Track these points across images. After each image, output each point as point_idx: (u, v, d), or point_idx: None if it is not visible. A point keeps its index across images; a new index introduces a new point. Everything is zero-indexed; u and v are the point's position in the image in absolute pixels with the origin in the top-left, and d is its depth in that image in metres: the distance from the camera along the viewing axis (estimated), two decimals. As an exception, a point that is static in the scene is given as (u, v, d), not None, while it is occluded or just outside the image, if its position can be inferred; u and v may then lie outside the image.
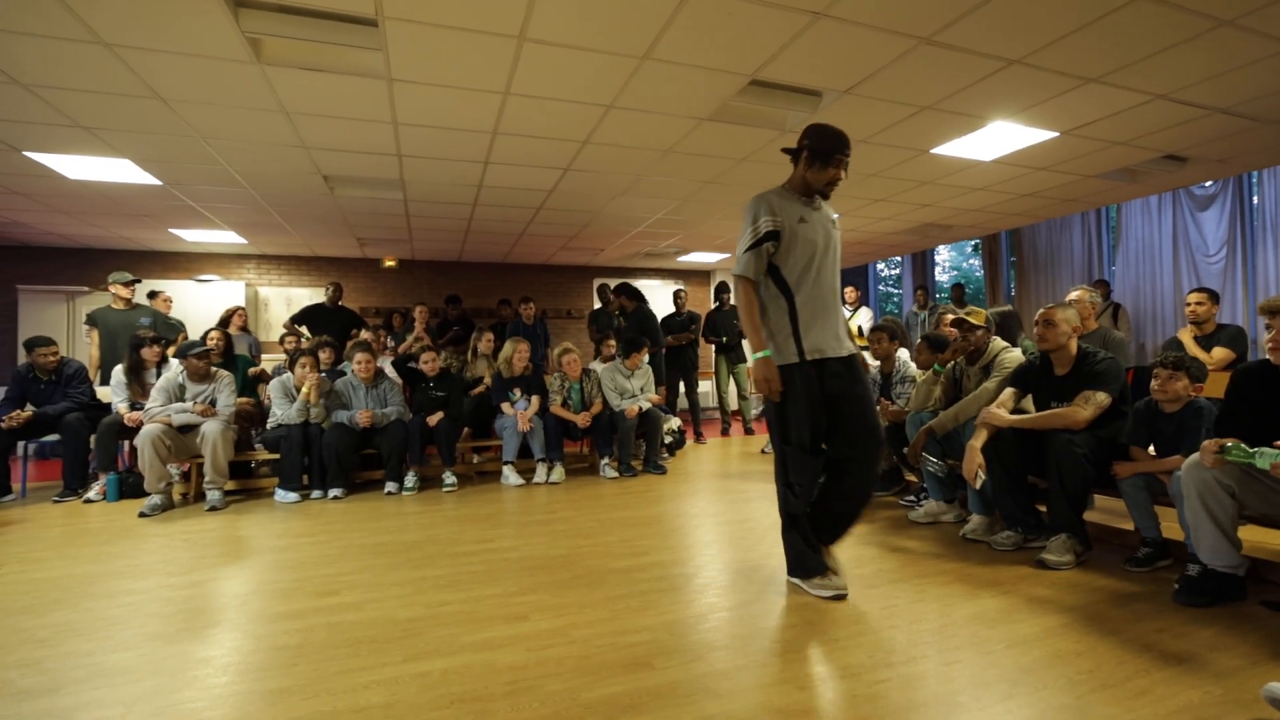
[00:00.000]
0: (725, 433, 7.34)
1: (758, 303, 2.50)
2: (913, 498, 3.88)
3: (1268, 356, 2.31)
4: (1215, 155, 4.76)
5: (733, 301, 6.95)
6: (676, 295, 7.11)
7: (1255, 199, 6.23)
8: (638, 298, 6.64)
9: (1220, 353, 3.79)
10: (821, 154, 2.49)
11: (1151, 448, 2.80)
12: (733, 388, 7.39)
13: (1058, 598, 2.40)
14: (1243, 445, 2.11)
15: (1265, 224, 6.10)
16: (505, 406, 4.95)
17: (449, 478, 4.63)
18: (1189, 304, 4.06)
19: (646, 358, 5.42)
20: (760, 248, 2.47)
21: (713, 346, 7.16)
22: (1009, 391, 3.07)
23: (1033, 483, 3.05)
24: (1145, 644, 2.00)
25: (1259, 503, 2.27)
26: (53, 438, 4.59)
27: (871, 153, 4.61)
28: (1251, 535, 2.58)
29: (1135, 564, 2.69)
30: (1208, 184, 6.43)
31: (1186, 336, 4.02)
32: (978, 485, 2.94)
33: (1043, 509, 3.01)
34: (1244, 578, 2.31)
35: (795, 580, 2.55)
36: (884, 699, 1.71)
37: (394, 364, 5.62)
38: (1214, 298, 4.00)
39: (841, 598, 2.41)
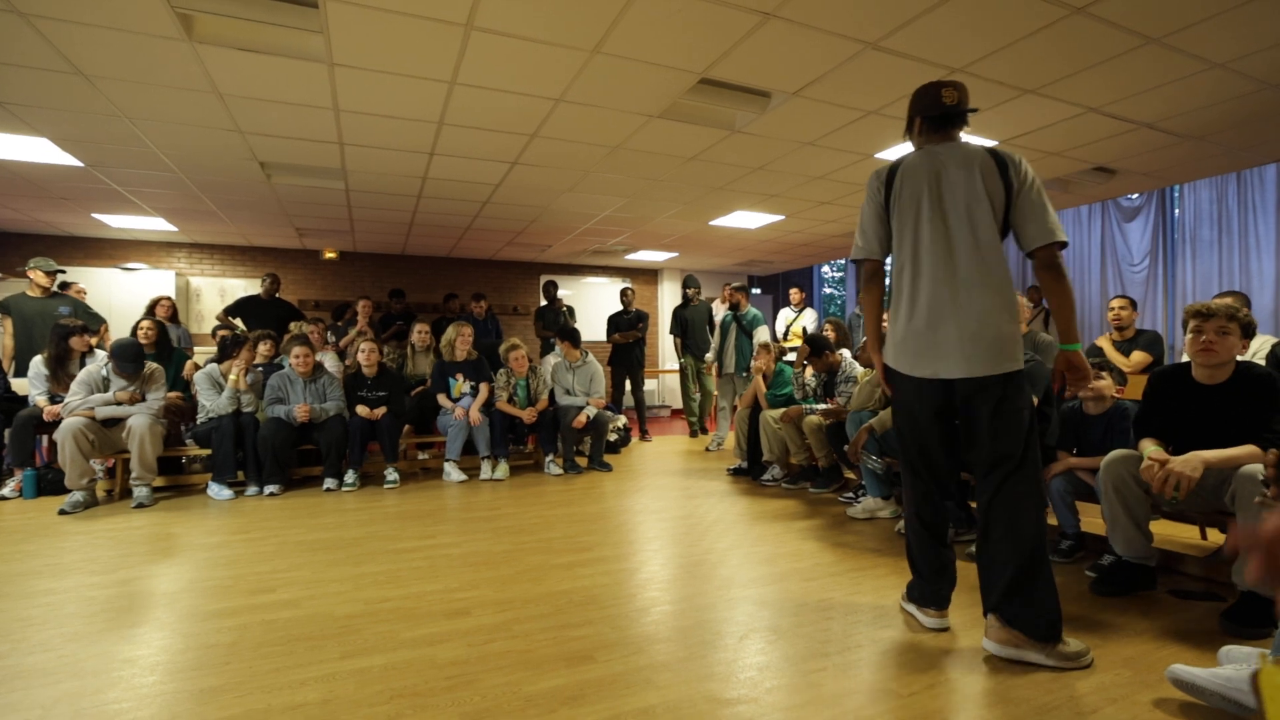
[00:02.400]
0: (695, 434, 7.02)
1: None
2: (851, 494, 3.99)
3: (1191, 359, 2.44)
4: (1141, 169, 5.03)
5: (704, 297, 6.82)
6: (624, 293, 7.11)
7: (1177, 212, 6.62)
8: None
9: (1138, 356, 4.02)
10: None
11: (1075, 449, 2.95)
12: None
13: (986, 587, 2.51)
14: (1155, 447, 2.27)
15: (1185, 236, 6.49)
16: (444, 399, 4.86)
17: (391, 474, 4.53)
18: (1112, 309, 4.28)
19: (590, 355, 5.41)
20: None
21: (671, 344, 6.99)
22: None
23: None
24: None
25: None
26: (-39, 432, 4.30)
27: (818, 155, 4.71)
28: (1163, 529, 2.76)
29: (1058, 555, 2.83)
30: (1134, 196, 6.80)
31: (1105, 343, 4.24)
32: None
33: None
34: (1154, 568, 2.46)
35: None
36: (820, 687, 1.75)
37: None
38: (1134, 304, 4.24)
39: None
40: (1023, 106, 3.79)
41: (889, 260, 2.20)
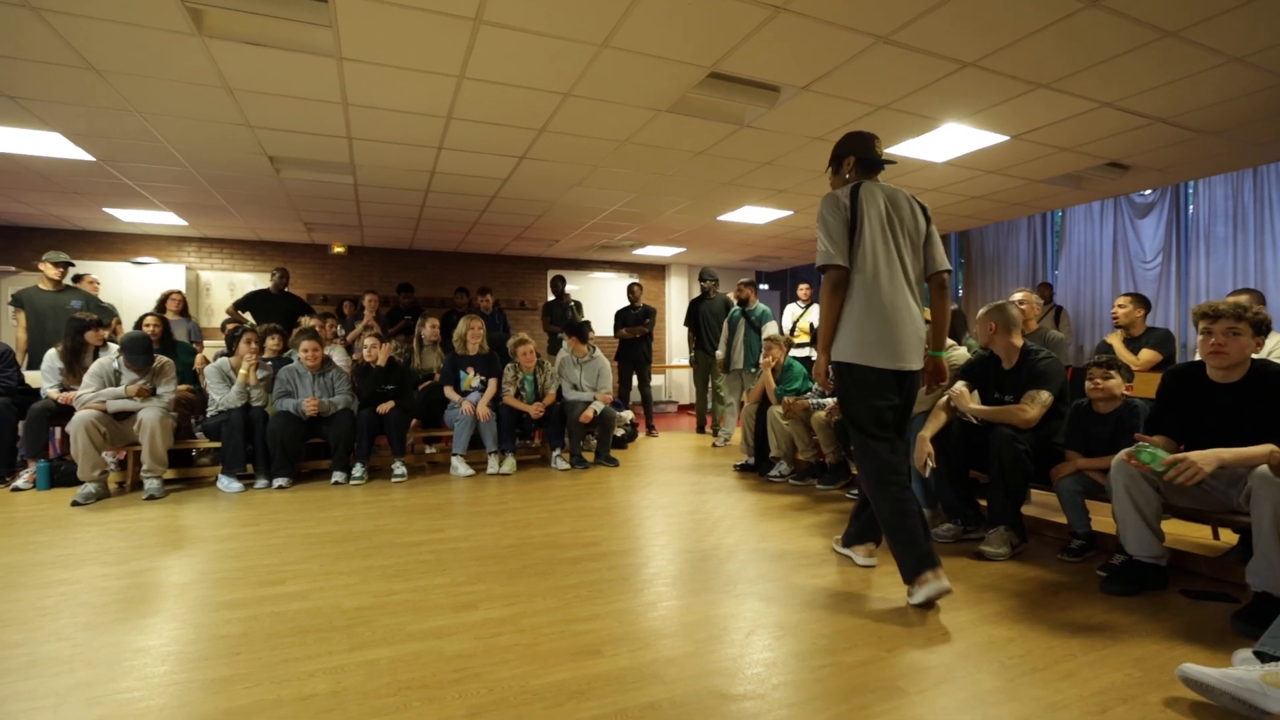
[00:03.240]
0: (702, 430, 7.00)
1: None
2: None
3: (1202, 359, 2.41)
4: (1155, 164, 4.98)
5: (720, 291, 6.74)
6: (631, 289, 7.10)
7: (1190, 208, 6.54)
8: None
9: (1147, 354, 3.97)
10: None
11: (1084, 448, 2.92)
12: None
13: (994, 586, 2.50)
14: (1153, 449, 2.24)
15: (1199, 233, 6.42)
16: (451, 393, 4.87)
17: (398, 468, 4.55)
18: (1118, 307, 4.21)
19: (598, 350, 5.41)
20: None
21: (678, 340, 6.95)
22: (961, 384, 3.17)
23: (974, 477, 3.16)
24: (1073, 630, 2.10)
25: (1182, 498, 2.40)
26: (-23, 424, 4.34)
27: (827, 150, 4.59)
28: (1174, 529, 2.73)
29: (1069, 555, 2.81)
30: (1147, 192, 6.73)
31: (1116, 340, 4.19)
32: (926, 474, 3.03)
33: (983, 503, 3.12)
34: (1165, 568, 2.44)
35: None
36: (827, 683, 1.75)
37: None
38: (1139, 302, 4.15)
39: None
40: (1035, 101, 3.75)
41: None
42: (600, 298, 9.94)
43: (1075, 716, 1.59)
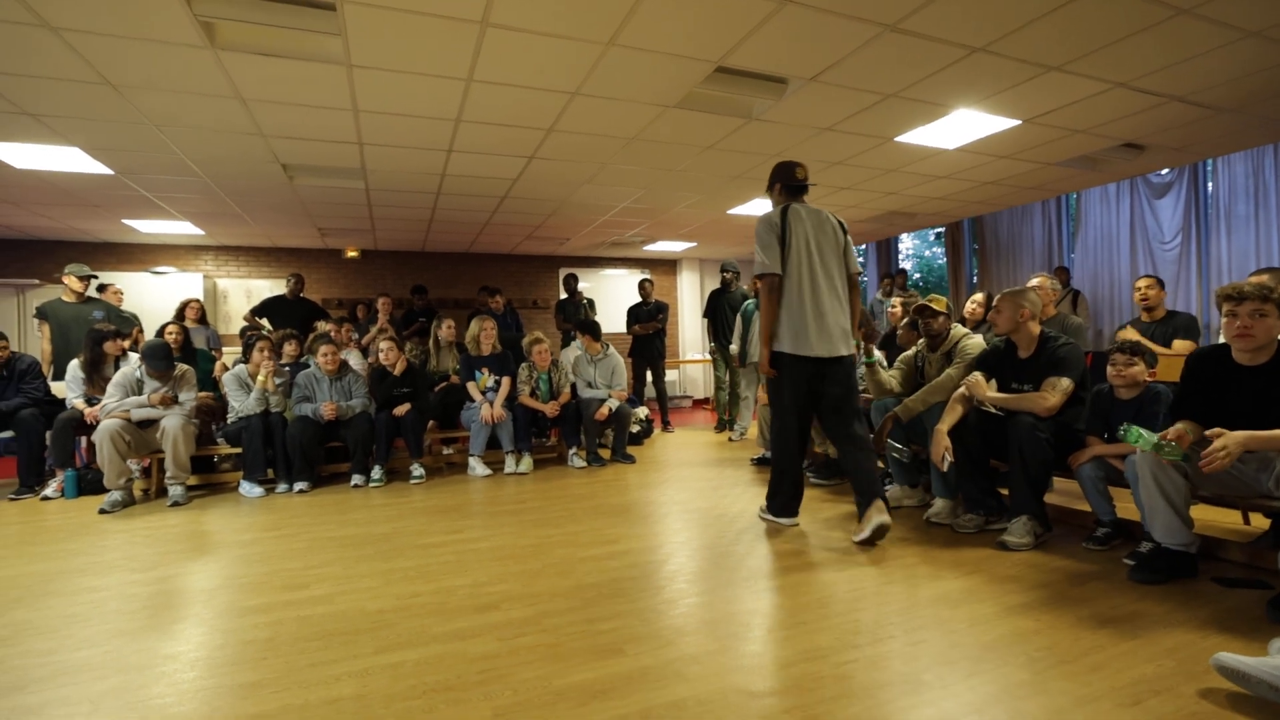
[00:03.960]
0: (722, 428, 6.81)
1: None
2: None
3: (1227, 342, 2.37)
4: (1172, 143, 4.89)
5: (740, 284, 6.67)
6: (642, 285, 7.08)
7: (1210, 186, 6.41)
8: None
9: (1181, 345, 3.87)
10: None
11: (1106, 435, 2.88)
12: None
13: (1019, 577, 2.47)
14: (1137, 429, 2.25)
15: (1219, 211, 6.29)
16: (472, 388, 4.91)
17: (417, 469, 4.59)
18: (1138, 289, 4.13)
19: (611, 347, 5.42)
20: None
21: (691, 334, 6.87)
22: (977, 374, 3.13)
23: (994, 466, 3.13)
24: (1101, 620, 2.07)
25: (1211, 483, 2.36)
26: (6, 434, 4.42)
27: (836, 141, 4.64)
28: (1204, 514, 2.69)
29: (1094, 543, 2.78)
30: (1164, 172, 6.61)
31: (1133, 334, 4.04)
32: (944, 468, 3.00)
33: (1004, 492, 3.08)
34: (1196, 555, 2.39)
35: None
36: (851, 679, 1.74)
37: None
38: (1160, 284, 4.10)
39: None
40: (1047, 84, 3.69)
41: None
42: (612, 294, 9.94)
43: (1107, 709, 1.57)
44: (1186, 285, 6.55)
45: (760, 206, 6.71)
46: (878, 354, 3.65)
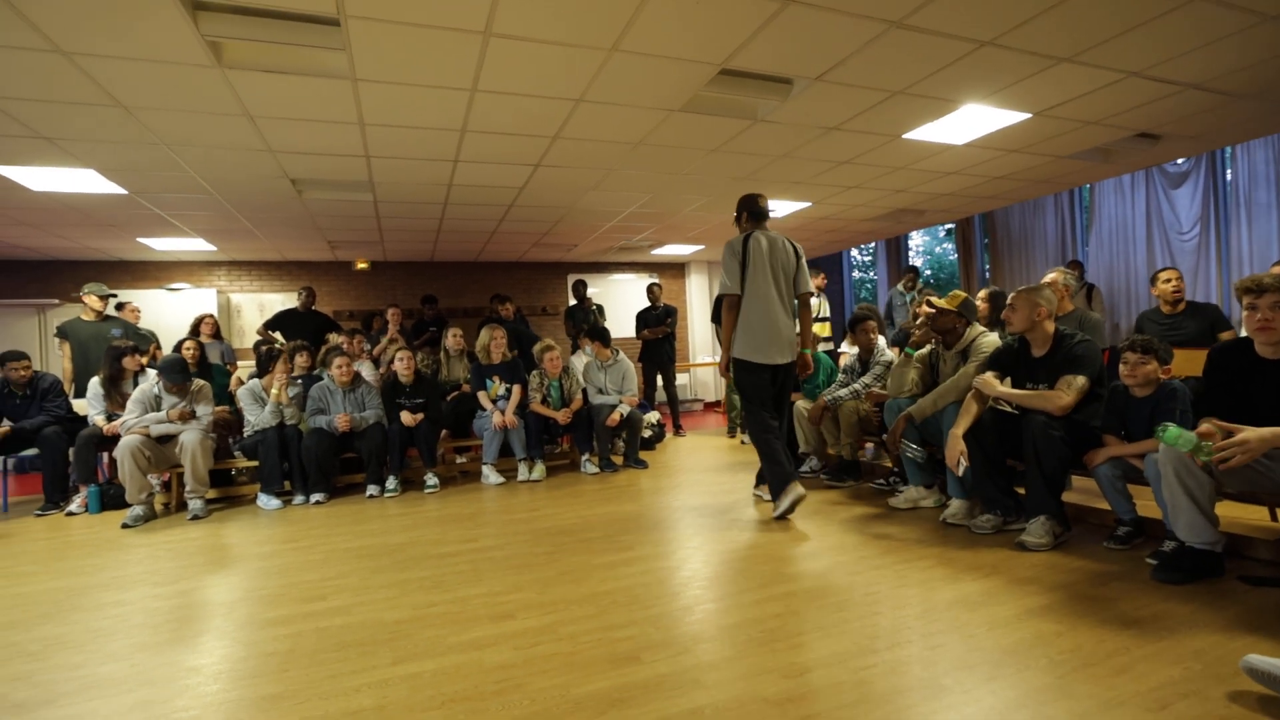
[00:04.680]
0: (734, 433, 6.65)
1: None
2: (882, 481, 3.96)
3: (1249, 335, 2.32)
4: (1188, 132, 4.81)
5: None
6: (651, 289, 7.08)
7: (1229, 175, 6.29)
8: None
9: (1227, 337, 3.78)
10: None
11: (1124, 432, 2.83)
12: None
13: (1038, 578, 2.44)
14: (1176, 428, 2.18)
15: (1239, 200, 6.16)
16: (483, 397, 4.92)
17: (430, 479, 4.61)
18: (1169, 280, 4.03)
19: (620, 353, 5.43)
20: None
21: (701, 338, 6.87)
22: (990, 374, 3.09)
23: (1010, 465, 3.09)
24: (1125, 622, 2.03)
25: (1236, 480, 2.30)
26: (31, 452, 4.51)
27: (843, 139, 4.61)
28: (1229, 511, 2.63)
29: (1115, 542, 2.73)
30: (1180, 161, 6.50)
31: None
32: (960, 472, 2.97)
33: (1021, 491, 3.04)
34: (1221, 554, 2.34)
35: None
36: (869, 685, 1.72)
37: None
38: (1179, 275, 4.05)
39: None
40: (1058, 75, 3.64)
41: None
42: (621, 299, 9.94)
43: (1133, 714, 1.54)
44: (1206, 276, 6.44)
45: (769, 208, 6.69)
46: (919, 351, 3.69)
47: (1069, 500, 3.03)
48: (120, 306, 6.02)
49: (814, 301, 7.03)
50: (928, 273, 13.30)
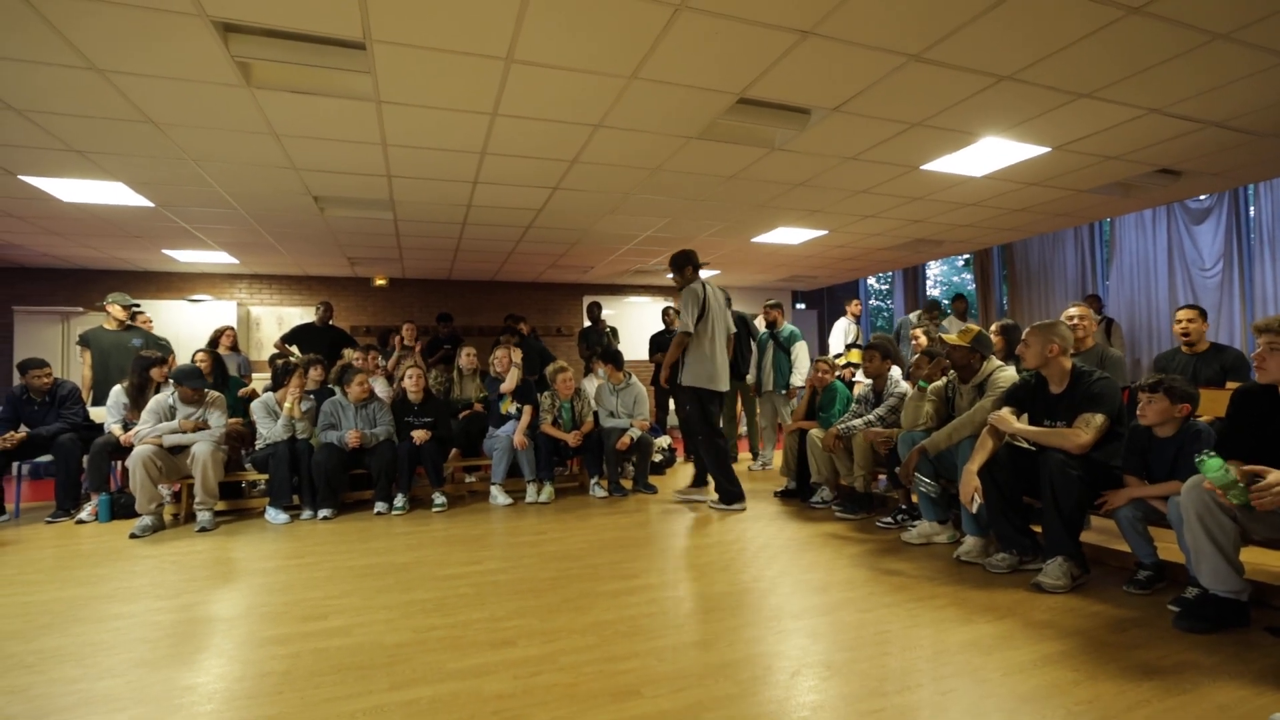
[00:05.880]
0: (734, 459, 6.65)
1: None
2: (890, 518, 3.85)
3: (1257, 370, 2.27)
4: (1210, 169, 4.76)
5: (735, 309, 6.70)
6: (665, 313, 7.08)
7: (1252, 211, 6.22)
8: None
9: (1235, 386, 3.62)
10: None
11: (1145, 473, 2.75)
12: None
13: (1055, 622, 2.36)
14: (1217, 458, 2.10)
15: (1262, 237, 6.09)
16: (502, 405, 4.95)
17: (438, 498, 4.59)
18: (1179, 320, 3.91)
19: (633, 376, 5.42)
20: None
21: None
22: (1005, 410, 3.04)
23: (1028, 503, 3.02)
24: (1146, 671, 1.96)
25: (1262, 526, 2.23)
26: (46, 458, 4.56)
27: (861, 169, 4.62)
28: (1256, 558, 2.54)
29: (1135, 587, 2.65)
30: (1203, 197, 6.44)
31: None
32: (974, 509, 2.91)
33: (1038, 530, 2.97)
34: (1247, 603, 2.26)
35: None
36: (876, 730, 1.67)
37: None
38: (1203, 315, 3.92)
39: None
40: (1077, 111, 3.63)
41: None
42: (636, 322, 9.96)
43: (1151, 770, 1.48)
44: (1230, 314, 6.33)
45: (784, 235, 6.72)
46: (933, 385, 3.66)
47: (1087, 541, 2.94)
48: (133, 316, 6.10)
49: (851, 329, 7.47)
50: (945, 303, 13.13)
